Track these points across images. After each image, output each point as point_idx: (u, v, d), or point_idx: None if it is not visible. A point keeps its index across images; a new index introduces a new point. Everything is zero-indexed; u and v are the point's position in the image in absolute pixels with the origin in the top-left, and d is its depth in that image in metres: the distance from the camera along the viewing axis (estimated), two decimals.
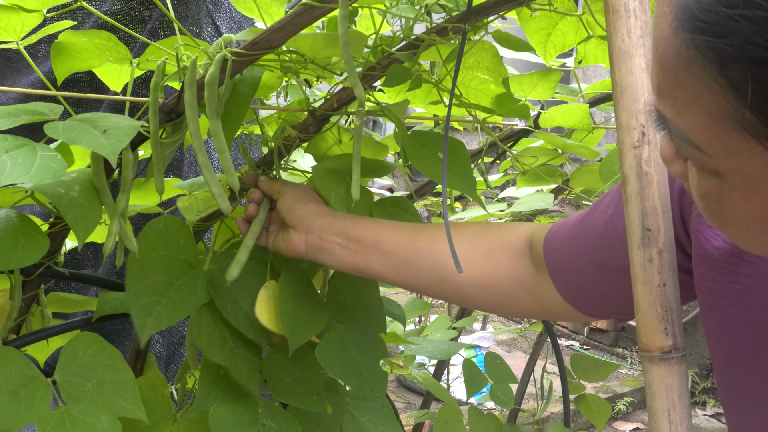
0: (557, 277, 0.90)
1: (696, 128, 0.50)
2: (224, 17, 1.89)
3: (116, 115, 0.89)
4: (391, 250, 0.98)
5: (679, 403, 0.62)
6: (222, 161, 0.93)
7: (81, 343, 0.99)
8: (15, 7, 0.95)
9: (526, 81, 1.13)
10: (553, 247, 0.90)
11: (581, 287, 0.89)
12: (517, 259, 0.95)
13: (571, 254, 0.88)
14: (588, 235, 0.86)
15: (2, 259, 0.82)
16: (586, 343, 5.77)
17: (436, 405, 2.67)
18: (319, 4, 0.83)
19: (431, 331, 1.79)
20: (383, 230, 1.00)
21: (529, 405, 3.66)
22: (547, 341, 2.09)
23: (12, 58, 2.97)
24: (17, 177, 0.75)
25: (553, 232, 0.92)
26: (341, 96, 1.02)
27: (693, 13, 0.45)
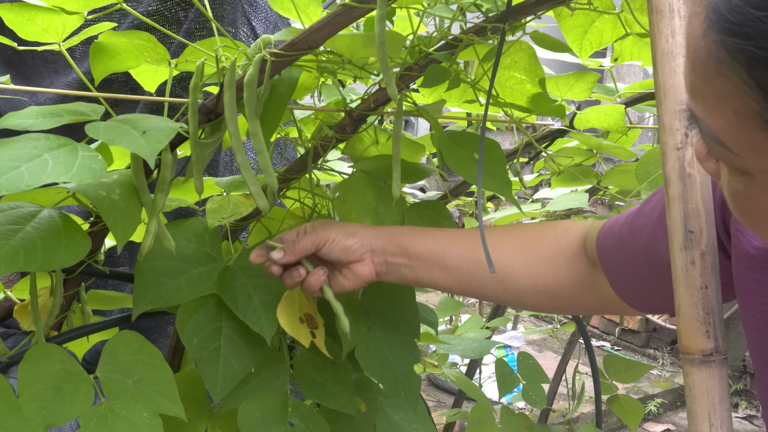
0: (610, 274, 0.91)
1: (725, 128, 0.50)
2: (260, 17, 1.90)
3: (156, 117, 0.90)
4: (454, 265, 0.98)
5: (720, 406, 0.62)
6: (261, 161, 0.93)
7: (122, 341, 1.00)
8: (57, 9, 0.96)
9: (563, 81, 1.13)
10: (605, 245, 0.91)
11: (632, 284, 0.90)
12: (575, 261, 0.96)
13: (621, 253, 0.89)
14: (636, 235, 0.87)
15: (45, 260, 0.83)
16: (617, 343, 5.72)
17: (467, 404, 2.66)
18: (358, 5, 0.83)
19: (464, 330, 1.79)
20: (443, 245, 0.98)
21: (559, 405, 3.64)
22: (579, 341, 2.08)
23: (49, 59, 3.01)
24: (58, 176, 0.76)
25: (605, 231, 0.92)
26: (378, 96, 1.03)
27: (723, 15, 0.45)
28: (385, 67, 0.84)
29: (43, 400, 0.90)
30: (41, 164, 0.76)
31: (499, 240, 0.98)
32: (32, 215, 0.88)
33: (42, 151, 0.79)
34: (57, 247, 0.85)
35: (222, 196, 1.10)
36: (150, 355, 1.01)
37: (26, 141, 0.80)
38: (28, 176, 0.73)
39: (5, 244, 0.81)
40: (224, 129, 0.98)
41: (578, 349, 2.08)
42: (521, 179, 1.28)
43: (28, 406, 0.88)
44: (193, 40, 1.93)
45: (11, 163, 0.75)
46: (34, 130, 0.83)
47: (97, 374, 0.96)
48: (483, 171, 1.03)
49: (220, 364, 1.05)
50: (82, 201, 1.00)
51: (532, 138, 1.17)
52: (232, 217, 1.03)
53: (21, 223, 0.85)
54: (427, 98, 1.23)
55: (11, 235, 0.83)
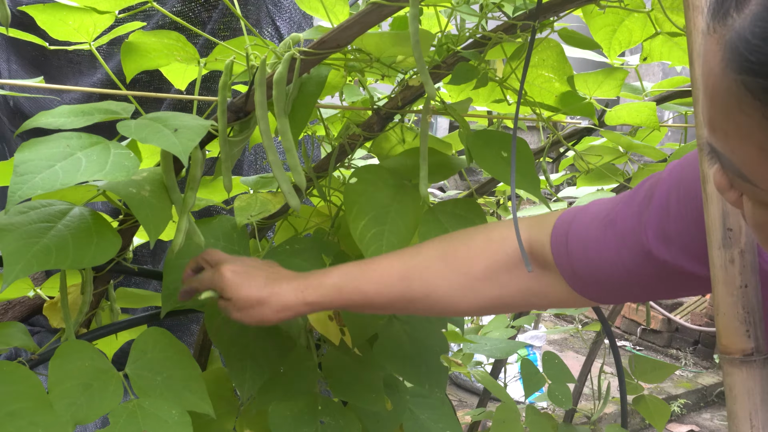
0: (572, 276, 0.87)
1: (748, 163, 0.49)
2: (284, 17, 1.91)
3: (186, 114, 0.90)
4: (384, 303, 0.95)
5: (761, 407, 0.61)
6: (289, 160, 0.93)
7: (151, 338, 1.00)
8: (88, 8, 0.97)
9: (592, 79, 1.12)
10: (569, 249, 0.86)
11: (600, 284, 0.86)
12: (518, 270, 0.92)
13: (594, 255, 0.85)
14: (618, 238, 0.83)
15: (76, 257, 0.84)
16: (638, 343, 5.68)
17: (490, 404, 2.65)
18: (388, 3, 0.83)
19: (490, 329, 1.78)
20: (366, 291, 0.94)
21: (582, 405, 3.62)
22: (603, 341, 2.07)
23: (74, 59, 3.03)
24: (92, 174, 0.77)
25: (563, 233, 0.88)
26: (406, 94, 1.02)
27: (742, 54, 0.44)
28: (422, 65, 0.84)
29: (72, 397, 0.90)
30: (75, 163, 0.77)
31: (430, 273, 0.94)
32: (63, 213, 0.89)
33: (75, 150, 0.79)
34: (88, 245, 0.85)
35: (249, 195, 1.10)
36: (178, 352, 1.02)
37: (59, 140, 0.80)
38: (62, 175, 0.74)
39: (37, 242, 0.81)
40: (253, 127, 0.98)
41: (604, 350, 2.06)
42: (548, 178, 1.28)
43: (58, 402, 0.89)
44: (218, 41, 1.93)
45: (45, 162, 0.75)
46: (66, 129, 0.84)
47: (126, 371, 0.97)
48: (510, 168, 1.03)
49: (248, 363, 1.05)
50: (111, 198, 1.01)
51: (561, 137, 1.16)
52: (260, 215, 1.03)
53: (52, 221, 0.86)
54: (454, 97, 1.22)
55: (43, 233, 0.83)
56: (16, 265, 0.77)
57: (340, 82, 1.10)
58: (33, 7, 0.95)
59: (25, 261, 0.78)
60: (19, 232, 0.81)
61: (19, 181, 0.72)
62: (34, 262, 0.79)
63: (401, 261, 0.95)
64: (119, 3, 0.96)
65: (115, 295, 1.19)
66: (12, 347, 1.09)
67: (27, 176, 0.73)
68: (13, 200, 0.71)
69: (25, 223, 0.83)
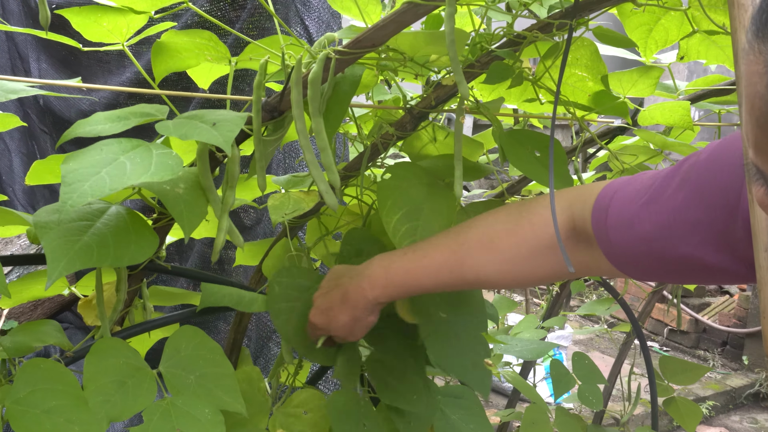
0: (612, 253, 0.88)
1: None
2: (312, 17, 1.91)
3: (221, 110, 0.91)
4: (437, 286, 0.99)
5: None
6: (324, 159, 0.93)
7: (184, 336, 1.01)
8: (122, 9, 0.98)
9: (626, 78, 1.11)
10: (608, 223, 0.87)
11: (640, 263, 0.86)
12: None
13: (632, 236, 0.84)
14: (651, 222, 0.82)
15: (116, 256, 0.84)
16: (665, 344, 5.64)
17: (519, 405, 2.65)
18: (424, 2, 0.83)
19: (520, 330, 1.77)
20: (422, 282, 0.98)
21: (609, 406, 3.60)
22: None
23: (103, 59, 3.07)
24: (138, 177, 0.77)
25: (604, 207, 0.88)
26: (439, 93, 1.02)
27: None
28: (456, 64, 0.84)
29: (107, 394, 0.91)
30: (120, 167, 0.77)
31: (477, 260, 0.96)
32: (101, 211, 0.89)
33: (118, 155, 0.80)
34: (127, 244, 0.86)
35: (282, 194, 1.10)
36: (211, 350, 1.02)
37: (101, 146, 0.81)
38: (109, 180, 0.75)
39: (78, 240, 0.82)
40: (287, 126, 0.99)
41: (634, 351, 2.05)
42: (580, 177, 1.27)
43: (92, 399, 0.89)
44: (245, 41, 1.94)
45: (92, 169, 0.76)
46: (105, 136, 0.84)
47: (160, 369, 0.97)
48: (544, 168, 1.03)
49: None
50: (145, 196, 1.01)
51: (595, 136, 1.15)
52: (294, 213, 1.03)
53: (91, 219, 0.87)
54: (485, 96, 1.22)
55: (83, 231, 0.84)
56: (59, 262, 0.78)
57: (372, 81, 1.11)
58: (69, 11, 0.96)
59: (67, 259, 0.79)
60: (60, 230, 0.82)
61: (69, 190, 0.73)
62: (77, 259, 0.80)
63: (450, 252, 0.96)
64: (156, 3, 0.97)
65: (148, 293, 1.20)
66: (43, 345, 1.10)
67: (76, 185, 0.74)
68: (65, 210, 0.72)
69: (65, 221, 0.84)
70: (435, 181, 1.07)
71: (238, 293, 1.12)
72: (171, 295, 1.31)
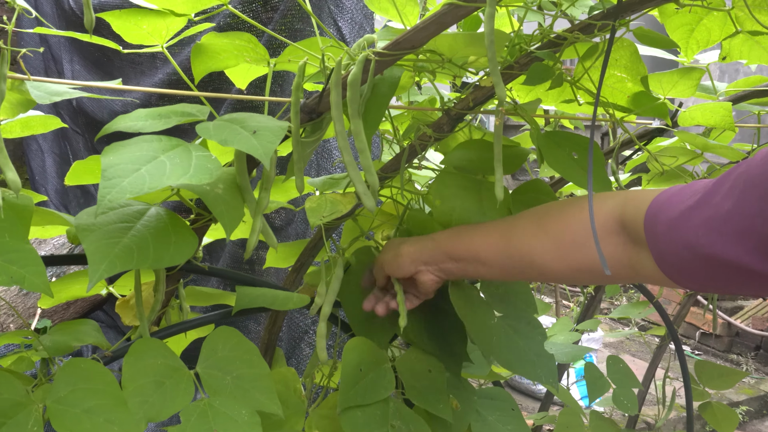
0: (660, 257, 0.87)
1: None
2: (345, 18, 1.92)
3: (261, 115, 0.91)
4: (490, 260, 1.01)
5: None
6: (363, 160, 0.93)
7: (221, 337, 1.01)
8: (162, 11, 0.98)
9: (666, 79, 1.10)
10: (657, 231, 0.86)
11: (685, 269, 0.85)
12: (608, 240, 0.93)
13: (679, 239, 0.84)
14: (700, 227, 0.81)
15: (156, 257, 0.84)
16: (697, 347, 5.57)
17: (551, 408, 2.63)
18: (464, 3, 0.82)
19: (554, 332, 1.76)
20: (476, 243, 1.02)
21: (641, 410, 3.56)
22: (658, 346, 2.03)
23: (136, 60, 3.10)
24: (177, 178, 0.77)
25: (655, 214, 0.87)
26: (477, 95, 1.02)
27: None
28: (494, 66, 0.83)
29: (145, 395, 0.91)
30: (159, 166, 0.77)
31: (524, 233, 0.99)
32: (141, 213, 0.90)
33: (158, 153, 0.80)
34: (167, 245, 0.86)
35: (319, 196, 1.10)
36: (248, 351, 1.02)
37: (142, 143, 0.81)
38: (149, 179, 0.75)
39: (118, 242, 0.83)
40: (325, 128, 0.98)
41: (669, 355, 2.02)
42: (617, 179, 1.25)
43: (131, 399, 0.90)
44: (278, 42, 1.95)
45: (132, 166, 0.76)
46: (146, 132, 0.85)
47: (197, 370, 0.97)
48: (582, 169, 1.02)
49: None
50: (183, 198, 1.02)
51: (635, 137, 1.14)
52: (332, 216, 1.03)
53: (131, 221, 0.87)
54: (522, 97, 1.21)
55: (123, 233, 0.84)
56: (101, 264, 0.78)
57: (409, 82, 1.10)
58: (110, 14, 0.96)
59: (108, 261, 0.79)
60: (101, 231, 0.83)
61: (108, 185, 0.73)
62: (117, 261, 0.80)
63: (505, 222, 1.03)
64: (195, 6, 0.97)
65: (184, 293, 1.21)
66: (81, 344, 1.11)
67: (115, 180, 0.74)
68: (103, 204, 0.72)
69: (105, 223, 0.85)
70: (477, 180, 1.08)
71: (273, 293, 1.13)
72: (207, 295, 1.32)
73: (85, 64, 3.59)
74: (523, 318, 1.13)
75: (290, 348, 2.01)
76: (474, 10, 0.84)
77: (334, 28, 1.89)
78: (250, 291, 1.11)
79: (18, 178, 0.80)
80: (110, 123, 0.86)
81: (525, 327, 1.12)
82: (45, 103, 0.85)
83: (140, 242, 0.84)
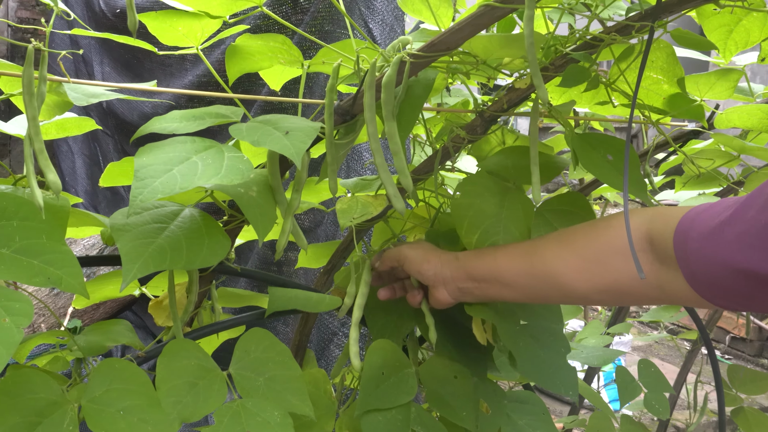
0: (692, 276, 0.85)
1: None
2: (376, 20, 1.91)
3: (294, 117, 0.91)
4: (512, 281, 1.00)
5: None
6: (396, 162, 0.93)
7: (253, 338, 1.01)
8: (198, 13, 0.99)
9: (703, 81, 1.08)
10: (688, 248, 0.84)
11: (720, 287, 0.83)
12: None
13: (712, 256, 0.82)
14: (732, 242, 0.79)
15: (189, 258, 0.85)
16: (727, 352, 5.50)
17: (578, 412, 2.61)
18: (501, 5, 0.82)
19: (585, 336, 1.75)
20: (499, 263, 1.01)
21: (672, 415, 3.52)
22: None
23: (165, 62, 3.12)
24: (209, 178, 0.78)
25: (685, 231, 0.85)
26: (511, 97, 1.01)
27: None
28: (535, 68, 0.83)
29: (179, 395, 0.91)
30: (191, 167, 0.78)
31: (548, 252, 0.97)
32: (175, 214, 0.90)
33: (191, 154, 0.80)
34: (200, 246, 0.87)
35: (350, 197, 1.10)
36: (280, 353, 1.02)
37: (175, 144, 0.82)
38: (180, 179, 0.75)
39: (152, 242, 0.83)
40: (358, 130, 0.98)
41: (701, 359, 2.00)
42: (651, 181, 1.24)
43: (165, 400, 0.90)
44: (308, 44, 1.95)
45: (164, 167, 0.76)
46: (180, 133, 0.85)
47: (230, 371, 0.97)
48: (617, 171, 1.01)
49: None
50: (216, 199, 1.02)
51: (671, 140, 1.13)
52: (363, 218, 1.03)
53: (165, 222, 0.88)
54: (555, 99, 1.20)
55: (157, 234, 0.85)
56: (134, 264, 0.79)
57: (442, 84, 1.10)
58: (146, 15, 0.97)
59: (141, 261, 0.80)
60: (135, 232, 0.83)
61: (140, 185, 0.74)
62: (150, 261, 0.80)
63: (530, 242, 1.02)
64: (230, 8, 0.97)
65: (216, 294, 1.21)
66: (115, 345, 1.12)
67: (147, 180, 0.74)
68: (135, 204, 0.72)
69: (139, 223, 0.85)
70: (505, 186, 1.06)
71: (305, 295, 1.13)
72: (238, 296, 1.32)
73: (115, 66, 3.62)
74: (546, 329, 1.11)
75: (319, 349, 2.01)
76: (510, 12, 0.83)
77: (365, 30, 1.89)
78: (282, 293, 1.11)
79: (58, 179, 0.80)
80: (146, 124, 0.87)
81: (547, 338, 1.10)
82: (82, 105, 0.86)
83: (174, 243, 0.84)
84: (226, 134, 0.88)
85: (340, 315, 1.16)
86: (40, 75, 0.80)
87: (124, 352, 3.18)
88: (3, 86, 0.93)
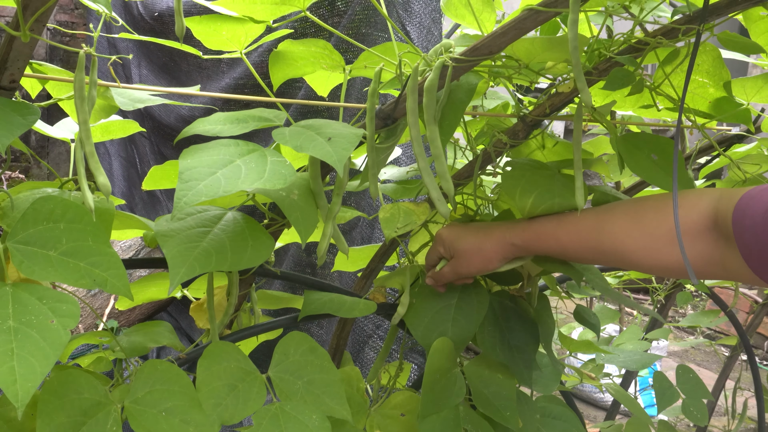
0: (747, 253, 0.85)
1: None
2: (414, 22, 1.91)
3: (336, 122, 0.91)
4: (577, 256, 1.01)
5: None
6: (438, 167, 0.93)
7: (293, 342, 1.02)
8: (242, 18, 0.99)
9: (750, 84, 1.07)
10: (744, 224, 0.84)
11: None
12: (701, 238, 0.91)
13: (764, 236, 0.82)
14: None
15: (234, 260, 0.85)
16: (765, 357, 5.42)
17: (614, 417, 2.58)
18: (545, 9, 0.81)
19: (623, 341, 1.73)
20: (563, 242, 1.00)
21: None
22: None
23: (203, 65, 3.15)
24: (252, 182, 0.78)
25: (743, 208, 0.86)
26: (554, 101, 1.00)
27: None
28: (579, 72, 0.82)
29: (219, 397, 0.92)
30: (235, 170, 0.78)
31: (617, 228, 0.97)
32: (218, 218, 0.91)
33: (234, 157, 0.81)
34: (244, 248, 0.87)
35: (392, 205, 1.10)
36: (319, 356, 1.02)
37: (219, 147, 0.82)
38: (224, 182, 0.76)
39: (197, 246, 0.84)
40: (399, 134, 0.98)
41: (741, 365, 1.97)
42: (694, 186, 1.22)
43: (205, 401, 0.91)
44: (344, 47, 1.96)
45: (208, 170, 0.77)
46: (223, 136, 0.86)
47: (269, 374, 0.98)
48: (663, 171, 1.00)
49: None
50: (257, 203, 1.03)
51: (716, 144, 1.11)
52: (407, 227, 1.03)
53: (209, 226, 0.88)
54: (597, 102, 1.19)
55: (202, 237, 0.86)
56: (180, 268, 0.80)
57: (483, 88, 1.10)
58: (190, 20, 0.98)
59: (187, 264, 0.80)
60: (180, 237, 0.84)
61: (185, 188, 0.74)
62: (196, 265, 0.81)
63: (595, 215, 0.99)
64: (274, 13, 0.98)
65: (256, 297, 1.22)
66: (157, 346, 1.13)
67: (191, 183, 0.75)
68: (180, 206, 0.73)
69: (184, 228, 0.86)
70: (548, 170, 1.06)
71: (340, 299, 1.13)
72: (276, 298, 1.33)
73: (153, 69, 3.66)
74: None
75: (354, 352, 2.01)
76: (554, 16, 0.83)
77: (402, 32, 1.89)
78: (317, 297, 1.11)
79: (108, 182, 0.81)
80: (189, 126, 0.88)
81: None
82: (128, 109, 0.87)
83: (218, 246, 0.85)
84: (262, 136, 0.88)
85: (392, 323, 1.16)
86: (91, 79, 0.81)
87: (160, 353, 3.21)
88: (50, 90, 0.94)
